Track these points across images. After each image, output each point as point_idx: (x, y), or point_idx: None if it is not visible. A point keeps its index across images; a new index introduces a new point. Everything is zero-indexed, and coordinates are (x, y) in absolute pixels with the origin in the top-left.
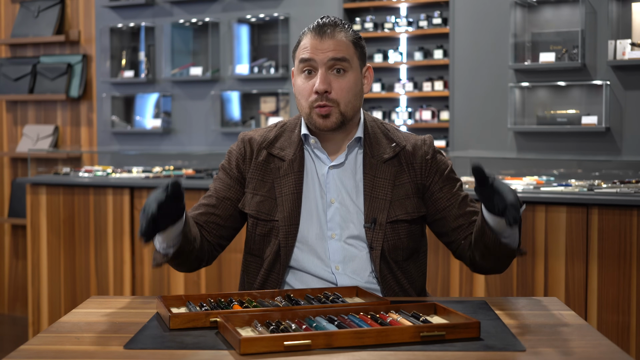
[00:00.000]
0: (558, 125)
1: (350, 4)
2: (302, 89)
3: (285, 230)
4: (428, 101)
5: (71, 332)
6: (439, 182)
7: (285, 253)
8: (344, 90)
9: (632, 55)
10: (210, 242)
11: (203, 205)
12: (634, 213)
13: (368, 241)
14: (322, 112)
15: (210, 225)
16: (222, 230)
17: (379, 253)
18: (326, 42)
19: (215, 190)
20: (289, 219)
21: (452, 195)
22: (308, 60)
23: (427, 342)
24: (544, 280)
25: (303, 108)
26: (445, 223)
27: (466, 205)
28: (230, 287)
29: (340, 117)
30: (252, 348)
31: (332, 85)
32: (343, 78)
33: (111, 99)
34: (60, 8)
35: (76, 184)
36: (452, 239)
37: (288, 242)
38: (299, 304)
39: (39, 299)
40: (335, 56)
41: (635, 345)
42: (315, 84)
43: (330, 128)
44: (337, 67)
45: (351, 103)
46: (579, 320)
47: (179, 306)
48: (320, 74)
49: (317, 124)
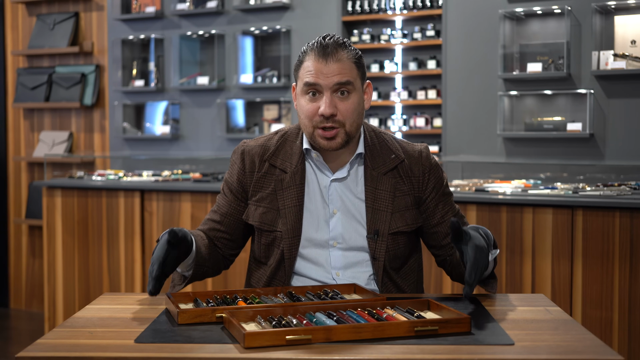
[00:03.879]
0: (545, 132)
1: (349, 17)
2: (306, 109)
3: (289, 243)
4: (422, 109)
5: (85, 327)
6: (434, 198)
7: (289, 264)
8: (349, 112)
9: (615, 66)
10: (223, 255)
11: (210, 221)
12: (616, 214)
13: (371, 252)
14: (327, 135)
15: (219, 240)
16: (231, 243)
17: (382, 264)
18: (330, 66)
19: (218, 207)
20: (292, 231)
21: (445, 213)
22: (313, 85)
23: (421, 337)
24: (532, 277)
25: (306, 127)
26: (436, 237)
27: None
28: (235, 285)
29: (345, 137)
30: (255, 342)
31: (337, 107)
32: (348, 100)
33: (122, 107)
34: (75, 21)
35: (90, 187)
36: (440, 252)
37: (292, 253)
38: (299, 300)
39: (54, 295)
40: (340, 80)
41: (618, 339)
42: (321, 107)
43: (335, 149)
44: (342, 89)
45: (356, 122)
46: (564, 316)
47: (187, 302)
48: (325, 98)
49: (322, 145)
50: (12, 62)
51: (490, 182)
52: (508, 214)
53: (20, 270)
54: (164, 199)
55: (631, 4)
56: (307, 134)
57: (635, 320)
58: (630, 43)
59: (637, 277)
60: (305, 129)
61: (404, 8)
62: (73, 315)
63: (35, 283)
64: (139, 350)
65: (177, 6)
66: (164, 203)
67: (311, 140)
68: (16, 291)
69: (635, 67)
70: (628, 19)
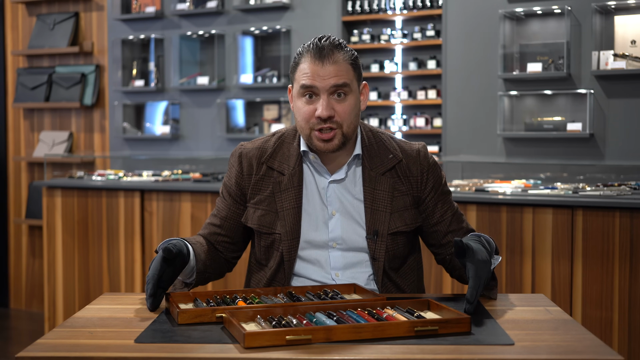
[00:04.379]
0: (545, 132)
1: (349, 17)
2: (303, 112)
3: (288, 245)
4: (422, 109)
5: (85, 327)
6: (434, 197)
7: (289, 266)
8: (346, 113)
9: (615, 66)
10: (225, 258)
11: (210, 225)
12: (616, 214)
13: (371, 252)
14: (325, 137)
15: (220, 244)
16: (232, 246)
17: (382, 264)
18: (327, 68)
19: (218, 211)
20: (291, 234)
21: (444, 212)
22: (309, 87)
23: (421, 337)
24: (532, 277)
25: (303, 130)
26: (436, 236)
27: (456, 221)
28: (235, 285)
29: (342, 138)
30: (255, 342)
31: (334, 109)
32: (344, 101)
33: (122, 107)
34: (75, 21)
35: (90, 187)
36: (439, 251)
37: (291, 255)
38: (299, 300)
39: (54, 295)
40: (337, 83)
41: (618, 339)
42: (318, 109)
43: (332, 150)
44: (339, 91)
45: (353, 124)
46: (564, 316)
47: (187, 302)
48: (322, 100)
49: (318, 147)
50: (12, 62)
51: (490, 182)
52: (508, 214)
53: (20, 270)
54: (164, 199)
55: (631, 4)
56: (304, 136)
57: (635, 320)
58: (630, 43)
59: (637, 277)
60: (302, 131)
61: (404, 8)
62: (73, 315)
63: (35, 283)
64: (139, 350)
65: (177, 6)
66: (164, 203)
67: (308, 143)
68: (16, 291)
69: (635, 67)
70: (628, 19)
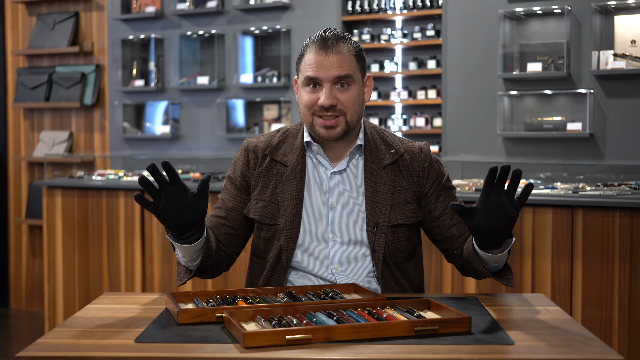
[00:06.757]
0: (544, 132)
1: (349, 17)
2: (306, 100)
3: (287, 234)
4: (422, 109)
5: (85, 326)
6: (435, 191)
7: (287, 256)
8: (350, 102)
9: (615, 66)
10: (226, 251)
11: (214, 217)
12: (616, 214)
13: (370, 244)
14: (327, 124)
15: (223, 236)
16: (235, 239)
17: (381, 256)
18: (330, 58)
19: (223, 202)
20: (291, 223)
21: (447, 206)
22: (313, 78)
23: (421, 336)
24: (532, 277)
25: (305, 117)
26: (440, 231)
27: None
28: (235, 285)
29: (345, 126)
30: (255, 342)
31: (337, 98)
32: (347, 91)
33: (123, 107)
34: (75, 21)
35: (90, 187)
36: (446, 246)
37: (289, 246)
38: (299, 300)
39: (54, 295)
40: (340, 74)
41: (618, 339)
42: (321, 98)
43: (335, 138)
44: (342, 82)
45: (356, 113)
46: (564, 316)
47: (187, 302)
48: (325, 89)
49: (321, 135)
50: (12, 62)
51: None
52: None
53: (20, 270)
54: None
55: (631, 4)
56: (307, 124)
57: (635, 320)
58: (630, 43)
59: (637, 277)
60: (305, 119)
61: (404, 8)
62: (73, 315)
63: (35, 283)
64: (139, 350)
65: (177, 6)
66: None
67: (311, 131)
68: (16, 291)
69: (635, 67)
70: (628, 19)
